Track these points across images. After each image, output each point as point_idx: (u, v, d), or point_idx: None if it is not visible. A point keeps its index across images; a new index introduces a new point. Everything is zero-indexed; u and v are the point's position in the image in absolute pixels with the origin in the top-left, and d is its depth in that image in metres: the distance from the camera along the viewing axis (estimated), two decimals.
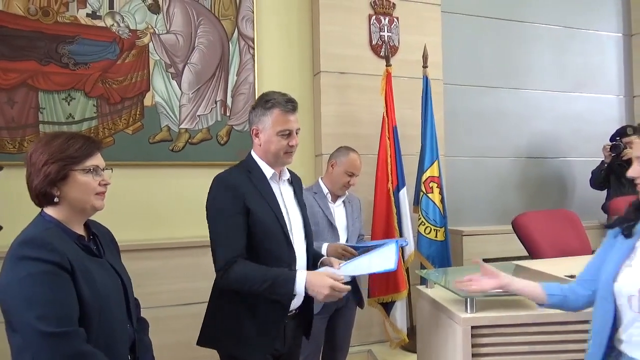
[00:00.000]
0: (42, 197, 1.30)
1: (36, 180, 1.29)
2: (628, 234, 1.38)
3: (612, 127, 4.53)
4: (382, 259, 1.90)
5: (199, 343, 1.77)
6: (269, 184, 1.76)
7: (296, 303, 1.76)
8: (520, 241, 2.92)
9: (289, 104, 1.76)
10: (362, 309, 2.78)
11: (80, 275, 1.25)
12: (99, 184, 1.35)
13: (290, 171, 1.92)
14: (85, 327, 1.23)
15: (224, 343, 1.72)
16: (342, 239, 2.48)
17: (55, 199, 1.30)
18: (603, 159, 3.97)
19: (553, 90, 4.40)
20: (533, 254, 2.82)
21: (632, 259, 1.35)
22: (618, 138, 3.88)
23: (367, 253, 2.09)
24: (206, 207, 1.72)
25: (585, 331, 1.73)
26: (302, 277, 1.62)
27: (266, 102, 1.75)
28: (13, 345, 1.23)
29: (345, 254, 2.26)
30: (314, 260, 1.90)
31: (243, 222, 1.65)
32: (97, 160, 1.37)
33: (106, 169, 1.40)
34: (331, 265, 1.83)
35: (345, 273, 1.80)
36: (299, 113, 3.67)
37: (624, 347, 1.32)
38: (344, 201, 2.58)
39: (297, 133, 1.79)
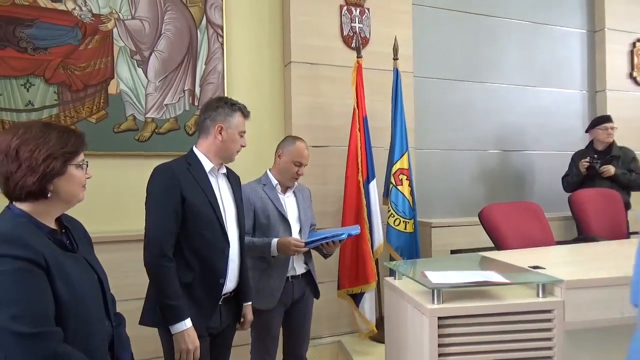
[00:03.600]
0: (32, 193, 1.22)
1: (30, 177, 1.20)
2: None
3: (575, 121, 4.69)
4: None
5: (141, 323, 1.89)
6: (207, 176, 1.92)
7: (230, 287, 1.96)
8: (486, 232, 2.97)
9: (247, 111, 2.01)
10: (334, 300, 2.79)
11: (55, 271, 1.19)
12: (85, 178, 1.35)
13: (228, 168, 2.08)
14: (61, 326, 1.18)
15: (160, 318, 1.83)
16: (295, 231, 2.43)
17: (49, 194, 1.24)
18: (571, 153, 4.14)
19: (520, 85, 4.48)
20: (499, 245, 2.87)
21: None
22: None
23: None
24: (146, 192, 1.87)
25: (548, 320, 1.78)
26: (185, 325, 1.79)
27: (232, 104, 1.96)
28: None
29: (298, 249, 2.28)
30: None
31: (176, 211, 1.80)
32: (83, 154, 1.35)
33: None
34: None
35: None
36: (269, 103, 3.68)
37: None
38: (294, 191, 2.52)
39: None
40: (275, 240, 2.28)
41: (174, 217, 1.80)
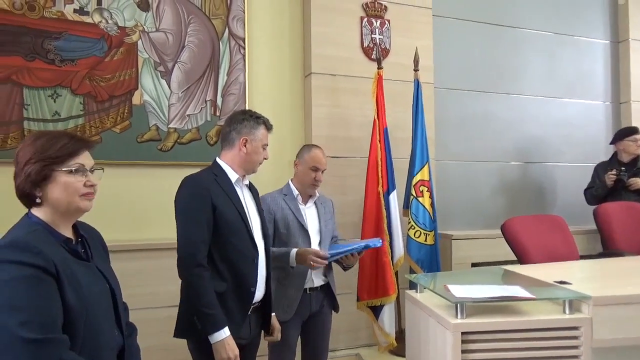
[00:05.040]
0: (24, 197, 1.27)
1: (18, 179, 1.25)
2: None
3: (599, 132, 4.61)
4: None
5: (175, 335, 1.88)
6: (233, 186, 1.95)
7: (258, 296, 1.97)
8: (509, 246, 2.93)
9: (270, 124, 2.06)
10: (353, 312, 2.76)
11: (65, 280, 1.20)
12: (84, 185, 1.29)
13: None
14: (69, 334, 1.18)
15: (196, 330, 1.82)
16: (315, 242, 2.40)
17: (38, 200, 1.26)
18: (594, 166, 4.05)
19: (542, 96, 4.43)
20: (522, 259, 2.83)
21: None
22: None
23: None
24: (175, 204, 1.88)
25: (575, 337, 1.73)
26: (224, 334, 1.78)
27: (257, 117, 2.01)
28: None
29: (316, 264, 2.23)
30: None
31: (209, 220, 1.83)
32: (84, 159, 1.31)
33: (97, 168, 1.35)
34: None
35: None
36: (289, 114, 3.71)
37: None
38: (315, 202, 2.51)
39: None
40: (294, 251, 2.26)
41: (206, 226, 1.82)
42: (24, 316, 1.12)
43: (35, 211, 1.28)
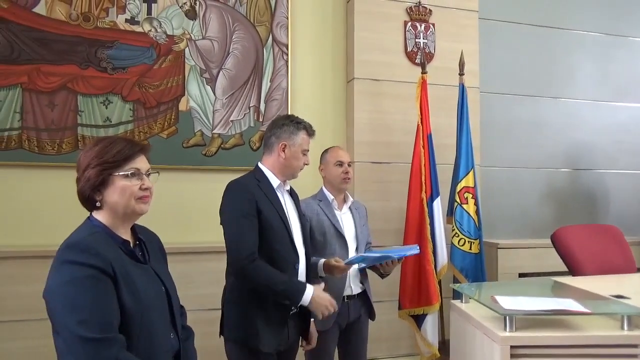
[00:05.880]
0: (85, 201, 1.32)
1: (80, 184, 1.31)
2: None
3: None
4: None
5: (221, 334, 1.95)
6: (275, 192, 1.96)
7: None
8: (560, 256, 2.81)
9: (312, 129, 2.04)
10: (394, 321, 2.70)
11: (122, 281, 1.23)
12: (140, 188, 1.32)
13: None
14: (125, 334, 1.21)
15: (236, 334, 1.87)
16: (352, 248, 2.37)
17: (97, 204, 1.31)
18: None
19: (593, 100, 4.24)
20: (574, 270, 2.71)
21: None
22: None
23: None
24: (221, 209, 1.90)
25: (634, 356, 1.63)
26: (310, 291, 1.84)
27: (298, 123, 2.00)
28: (57, 347, 1.23)
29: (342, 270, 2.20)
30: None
31: (256, 223, 1.84)
32: (139, 163, 1.34)
33: (152, 172, 1.39)
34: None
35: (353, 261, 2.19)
36: (332, 119, 3.70)
37: None
38: (350, 208, 2.47)
39: None
40: (322, 261, 2.20)
41: (253, 228, 1.83)
42: (83, 315, 1.16)
43: (96, 214, 1.33)
